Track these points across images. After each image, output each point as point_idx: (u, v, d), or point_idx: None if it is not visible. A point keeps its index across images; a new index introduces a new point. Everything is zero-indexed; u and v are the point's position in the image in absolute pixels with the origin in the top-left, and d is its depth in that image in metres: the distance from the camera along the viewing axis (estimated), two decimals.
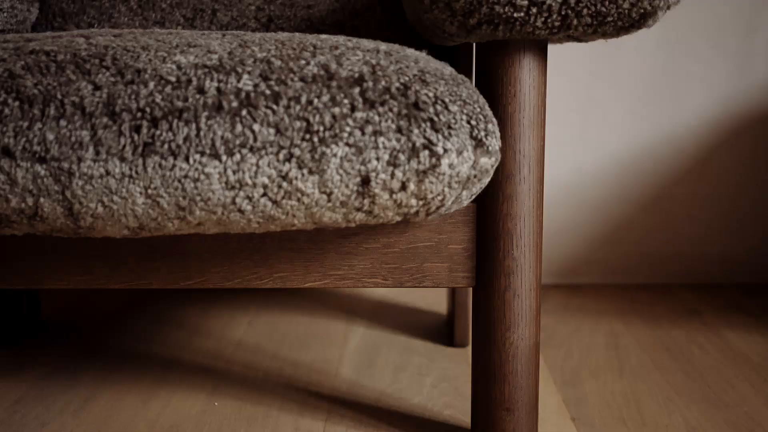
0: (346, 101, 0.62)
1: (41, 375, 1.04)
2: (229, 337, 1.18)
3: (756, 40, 1.43)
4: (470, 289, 1.13)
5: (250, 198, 0.63)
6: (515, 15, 0.67)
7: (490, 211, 0.75)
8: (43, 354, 1.12)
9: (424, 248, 0.77)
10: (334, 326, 1.24)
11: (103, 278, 0.78)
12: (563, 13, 0.67)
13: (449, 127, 0.63)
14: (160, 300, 1.38)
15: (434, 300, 1.39)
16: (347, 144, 0.62)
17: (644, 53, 1.43)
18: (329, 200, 0.64)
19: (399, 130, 0.62)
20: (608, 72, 1.43)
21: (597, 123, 1.45)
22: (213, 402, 0.95)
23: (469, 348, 1.13)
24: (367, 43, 0.69)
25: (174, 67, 0.63)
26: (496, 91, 0.74)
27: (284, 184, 0.62)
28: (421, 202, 0.65)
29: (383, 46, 0.68)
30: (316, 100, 0.62)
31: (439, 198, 0.65)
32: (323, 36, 0.71)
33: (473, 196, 0.70)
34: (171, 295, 1.42)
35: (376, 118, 0.62)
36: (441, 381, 1.01)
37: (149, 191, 0.62)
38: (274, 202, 0.63)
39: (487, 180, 0.68)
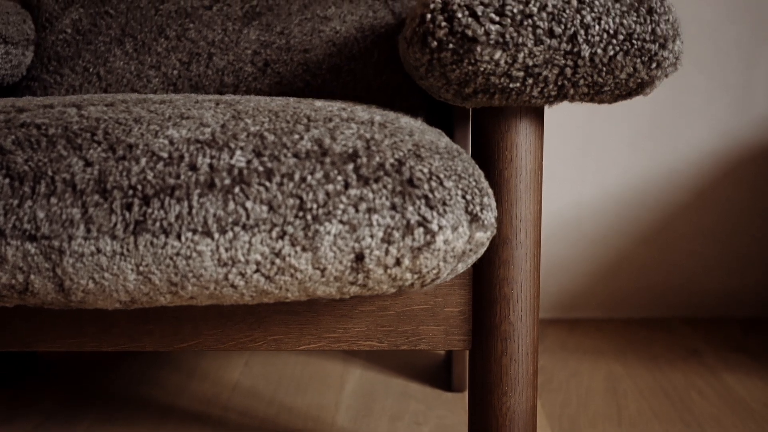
0: (339, 178, 0.61)
1: (36, 423, 1.03)
2: (226, 380, 1.17)
3: (756, 74, 1.42)
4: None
5: (242, 274, 0.62)
6: (511, 85, 0.66)
7: (486, 275, 0.75)
8: (38, 399, 1.11)
9: (419, 311, 0.77)
10: (331, 367, 1.23)
11: (95, 341, 0.77)
12: (560, 83, 0.66)
13: (444, 204, 0.62)
14: None
15: None
16: (341, 221, 0.61)
17: None
18: (323, 275, 0.63)
19: (393, 207, 0.61)
20: (607, 106, 1.43)
21: (596, 157, 1.44)
22: None
23: (467, 393, 1.12)
24: (362, 113, 0.68)
25: (166, 142, 0.62)
26: (492, 156, 0.73)
27: (277, 260, 0.62)
28: (416, 276, 0.65)
29: (378, 116, 0.68)
30: (309, 177, 0.61)
31: (435, 272, 0.65)
32: (318, 104, 0.70)
33: (469, 265, 0.69)
34: None
35: (370, 195, 0.61)
36: None
37: (141, 268, 0.61)
38: (267, 277, 0.63)
39: (482, 251, 0.67)
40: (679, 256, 1.46)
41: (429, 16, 0.66)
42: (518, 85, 0.66)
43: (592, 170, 1.44)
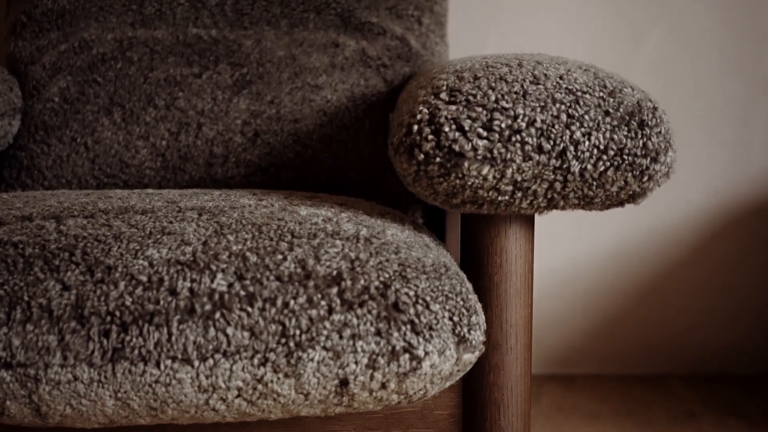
0: (323, 303, 0.60)
1: None
2: None
3: (752, 130, 1.41)
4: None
5: (223, 399, 0.61)
6: (500, 198, 0.65)
7: (476, 379, 0.73)
8: None
9: (408, 413, 0.75)
10: None
11: None
12: (549, 196, 0.65)
13: (430, 328, 0.60)
14: None
15: None
16: (324, 348, 0.59)
17: None
18: (306, 399, 0.61)
19: (378, 332, 0.60)
20: None
21: (592, 213, 1.43)
22: None
23: None
24: (347, 225, 0.66)
25: (146, 264, 0.61)
26: (481, 260, 0.72)
27: (259, 386, 0.60)
28: (402, 396, 0.63)
29: (364, 229, 0.66)
30: (292, 302, 0.60)
31: (421, 392, 0.63)
32: (303, 212, 0.69)
33: (457, 379, 0.67)
34: None
35: (355, 320, 0.60)
36: None
37: (119, 395, 0.60)
38: (250, 402, 0.61)
39: (470, 367, 0.66)
40: (675, 313, 1.45)
41: (416, 127, 0.65)
42: (507, 198, 0.65)
43: (588, 226, 1.43)
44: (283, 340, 0.59)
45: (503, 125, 0.63)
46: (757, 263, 1.44)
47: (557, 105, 0.63)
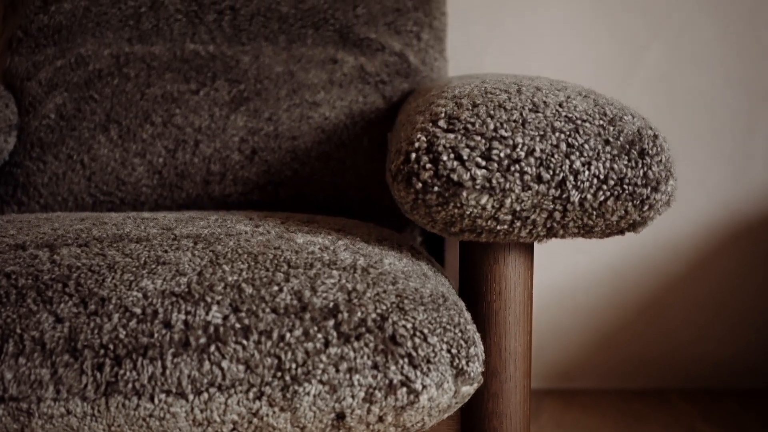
0: (319, 335, 0.59)
1: None
2: None
3: (753, 143, 1.40)
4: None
5: None
6: (498, 227, 0.64)
7: (475, 408, 0.72)
8: None
9: None
10: None
11: None
12: (548, 225, 0.64)
13: (428, 362, 0.60)
14: None
15: None
16: (321, 381, 0.59)
17: None
18: None
19: (375, 366, 0.59)
20: None
21: None
22: None
23: None
24: (344, 254, 0.66)
25: (140, 295, 0.60)
26: (480, 287, 0.71)
27: (255, 420, 0.59)
28: (399, 429, 0.62)
29: (361, 259, 0.65)
30: (288, 335, 0.59)
31: (419, 424, 0.62)
32: (300, 240, 0.68)
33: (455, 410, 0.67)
34: None
35: (351, 354, 0.59)
36: None
37: (113, 428, 0.59)
38: None
39: (468, 398, 0.65)
40: (675, 327, 1.44)
41: (414, 155, 0.64)
42: (506, 227, 0.64)
43: (587, 241, 1.42)
44: (279, 374, 0.59)
45: (502, 154, 0.62)
46: (757, 278, 1.43)
47: (557, 134, 0.63)
